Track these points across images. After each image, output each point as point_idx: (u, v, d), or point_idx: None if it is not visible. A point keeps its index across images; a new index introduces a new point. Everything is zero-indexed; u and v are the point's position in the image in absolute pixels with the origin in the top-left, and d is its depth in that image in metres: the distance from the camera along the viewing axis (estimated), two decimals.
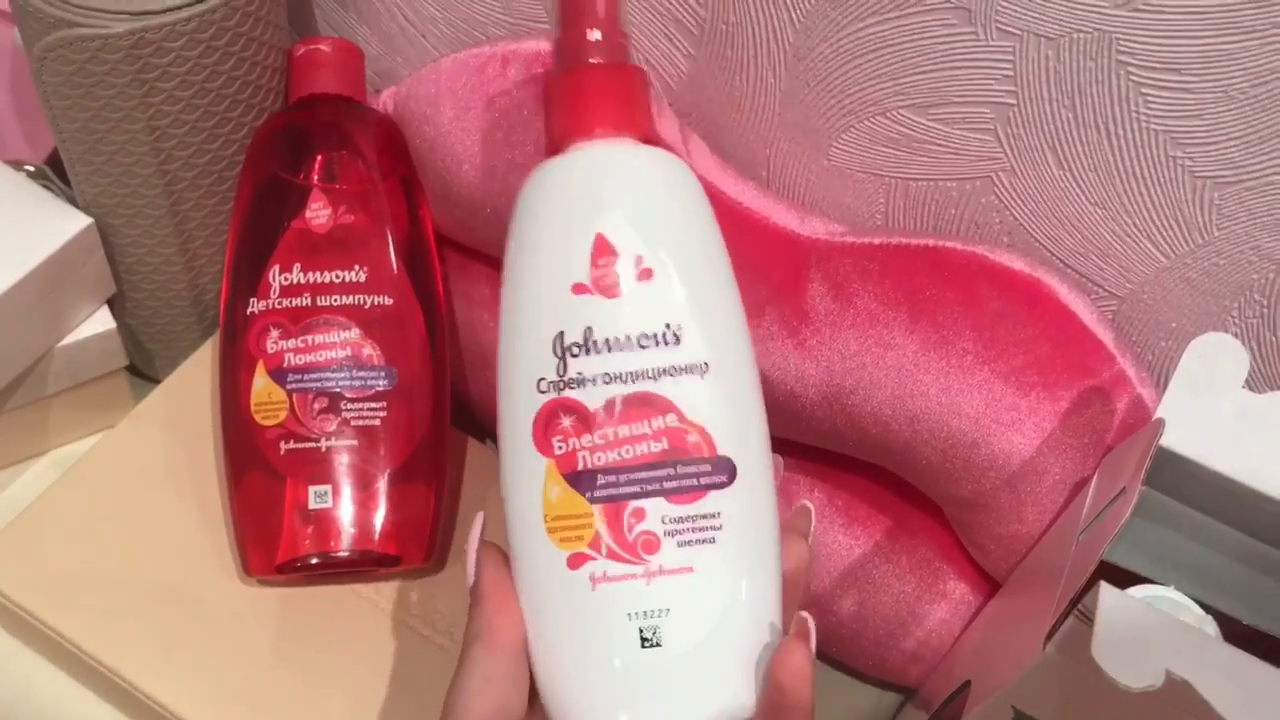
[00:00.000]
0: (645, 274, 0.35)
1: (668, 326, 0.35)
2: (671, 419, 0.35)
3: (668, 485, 0.35)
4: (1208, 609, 0.38)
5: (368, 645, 0.48)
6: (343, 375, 0.48)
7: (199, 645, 0.47)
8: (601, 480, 0.35)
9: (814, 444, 0.49)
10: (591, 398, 0.35)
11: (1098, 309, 0.45)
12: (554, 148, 0.38)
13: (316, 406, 0.48)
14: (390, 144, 0.51)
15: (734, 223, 0.48)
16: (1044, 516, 0.44)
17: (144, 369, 0.60)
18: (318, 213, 0.50)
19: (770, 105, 0.49)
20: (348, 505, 0.48)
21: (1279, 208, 0.40)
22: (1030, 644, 0.37)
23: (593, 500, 0.35)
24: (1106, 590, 0.34)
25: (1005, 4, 0.40)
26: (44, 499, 0.50)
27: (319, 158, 0.50)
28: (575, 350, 0.35)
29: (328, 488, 0.48)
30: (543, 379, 0.35)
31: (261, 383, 0.48)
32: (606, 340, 0.35)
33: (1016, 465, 0.43)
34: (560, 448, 0.35)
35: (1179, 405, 0.38)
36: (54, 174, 0.53)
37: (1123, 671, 0.32)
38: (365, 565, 0.49)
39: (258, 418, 0.48)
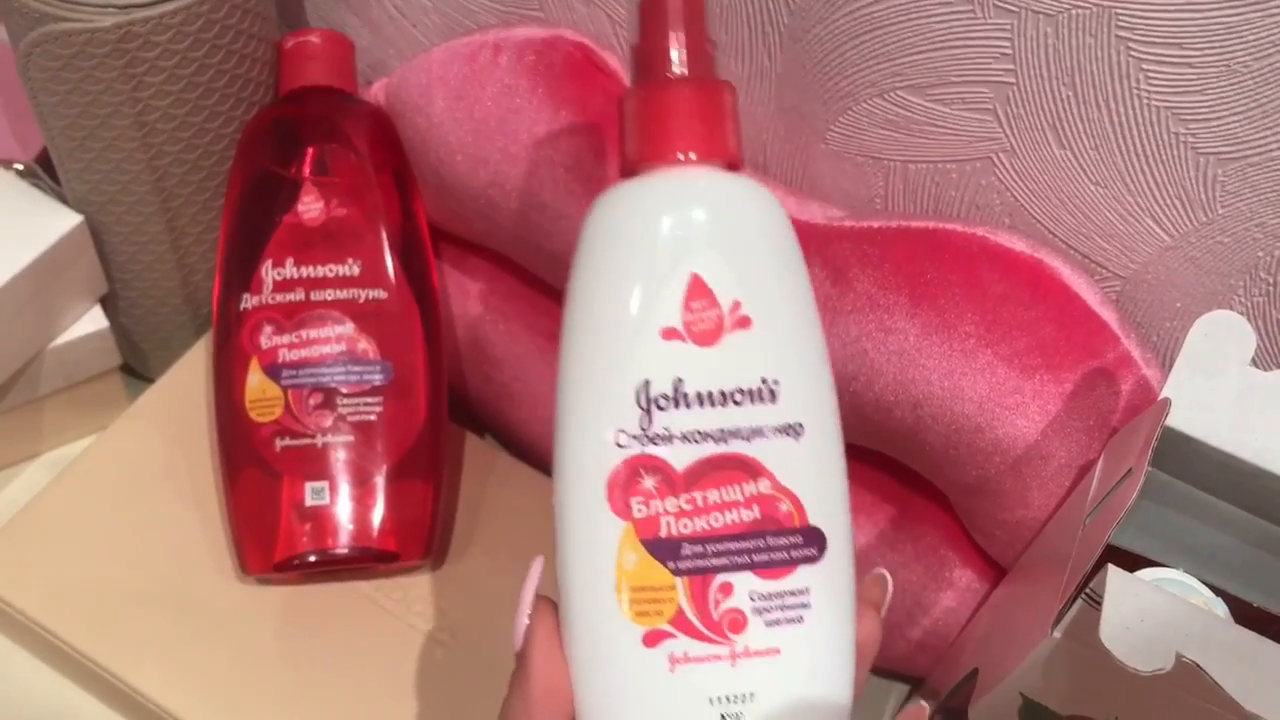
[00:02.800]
0: (742, 321, 0.32)
1: (764, 382, 0.32)
2: (765, 485, 0.32)
3: (757, 559, 0.31)
4: (1217, 591, 0.38)
5: (367, 643, 0.48)
6: (338, 370, 0.48)
7: (197, 646, 0.47)
8: (687, 550, 0.31)
9: None
10: (679, 456, 0.31)
11: (1101, 290, 0.44)
12: (630, 169, 0.34)
13: (312, 402, 0.48)
14: (382, 136, 0.51)
15: None
16: (1050, 501, 0.43)
17: (138, 368, 0.60)
18: (310, 206, 0.49)
19: (766, 89, 0.48)
20: (345, 502, 0.48)
21: None
22: (1038, 630, 0.37)
23: (677, 572, 0.31)
24: (1114, 574, 0.34)
25: None
26: (39, 501, 0.49)
27: (310, 151, 0.50)
28: (663, 403, 0.31)
29: (325, 484, 0.47)
30: (623, 432, 0.31)
31: (256, 379, 0.48)
32: (699, 394, 0.31)
33: (1021, 449, 0.43)
34: (640, 510, 0.31)
35: (1185, 385, 0.38)
36: (43, 172, 0.53)
37: (1132, 655, 0.31)
38: (364, 562, 0.48)
39: (252, 415, 0.48)
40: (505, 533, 0.52)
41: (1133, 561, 0.38)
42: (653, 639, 0.31)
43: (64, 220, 0.51)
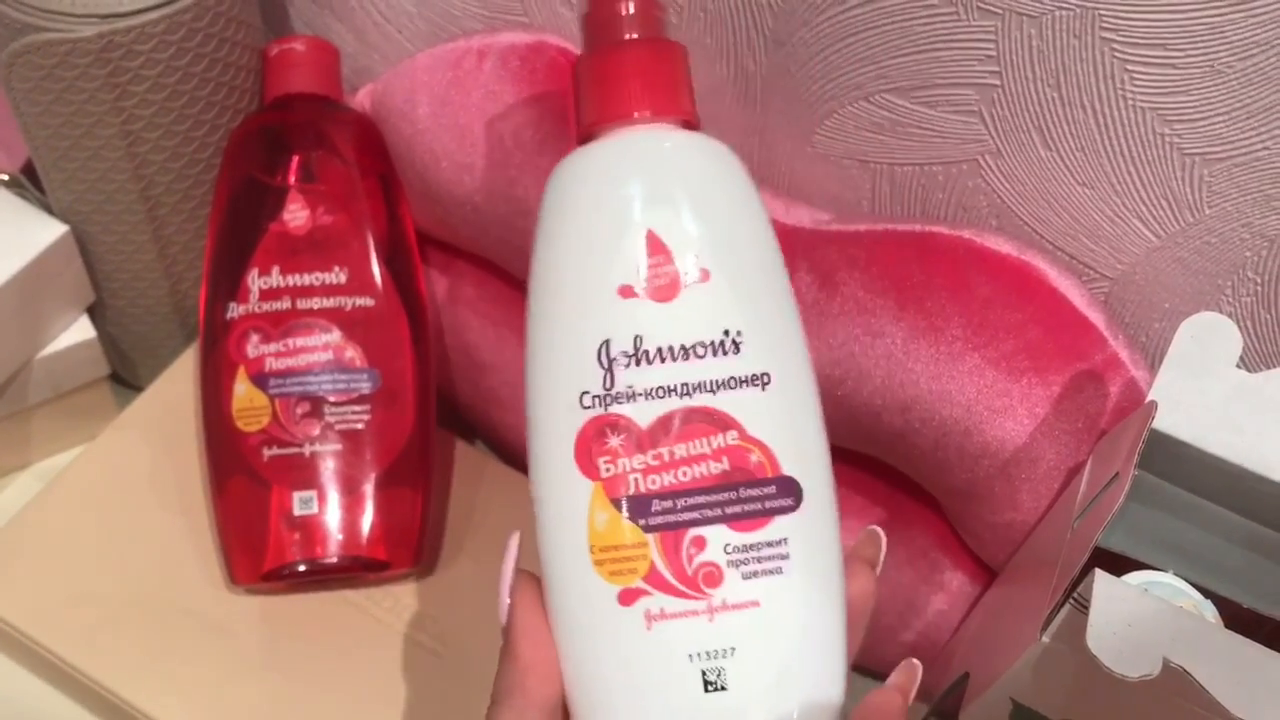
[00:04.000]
0: (702, 275, 0.32)
1: (726, 333, 0.31)
2: (732, 436, 0.31)
3: (730, 510, 0.31)
4: (1206, 593, 0.38)
5: (358, 651, 0.48)
6: (325, 379, 0.48)
7: (187, 656, 0.47)
8: (657, 505, 0.31)
9: None
10: (643, 413, 0.31)
11: (1089, 291, 0.44)
12: (586, 134, 0.34)
13: (299, 411, 0.48)
14: (368, 143, 0.51)
15: None
16: (1039, 503, 0.43)
17: (127, 377, 0.60)
18: (296, 214, 0.49)
19: (752, 93, 0.48)
20: (334, 511, 0.48)
21: (1269, 183, 0.39)
22: (1027, 633, 0.37)
23: (648, 528, 0.31)
24: (1101, 578, 0.33)
25: None
26: (28, 512, 0.49)
27: (296, 158, 0.50)
28: (624, 360, 0.31)
29: (313, 493, 0.47)
30: (586, 392, 0.31)
31: (243, 388, 0.48)
32: (659, 349, 0.31)
33: (1010, 452, 0.43)
34: (608, 469, 0.31)
35: (1172, 387, 0.38)
36: (28, 182, 0.53)
37: (1119, 660, 0.31)
38: (353, 571, 0.48)
39: (240, 424, 0.48)
40: (495, 539, 0.52)
41: (1122, 564, 0.38)
42: (628, 597, 0.31)
43: (50, 230, 0.51)
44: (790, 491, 0.31)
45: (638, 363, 0.31)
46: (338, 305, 0.48)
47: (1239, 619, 0.37)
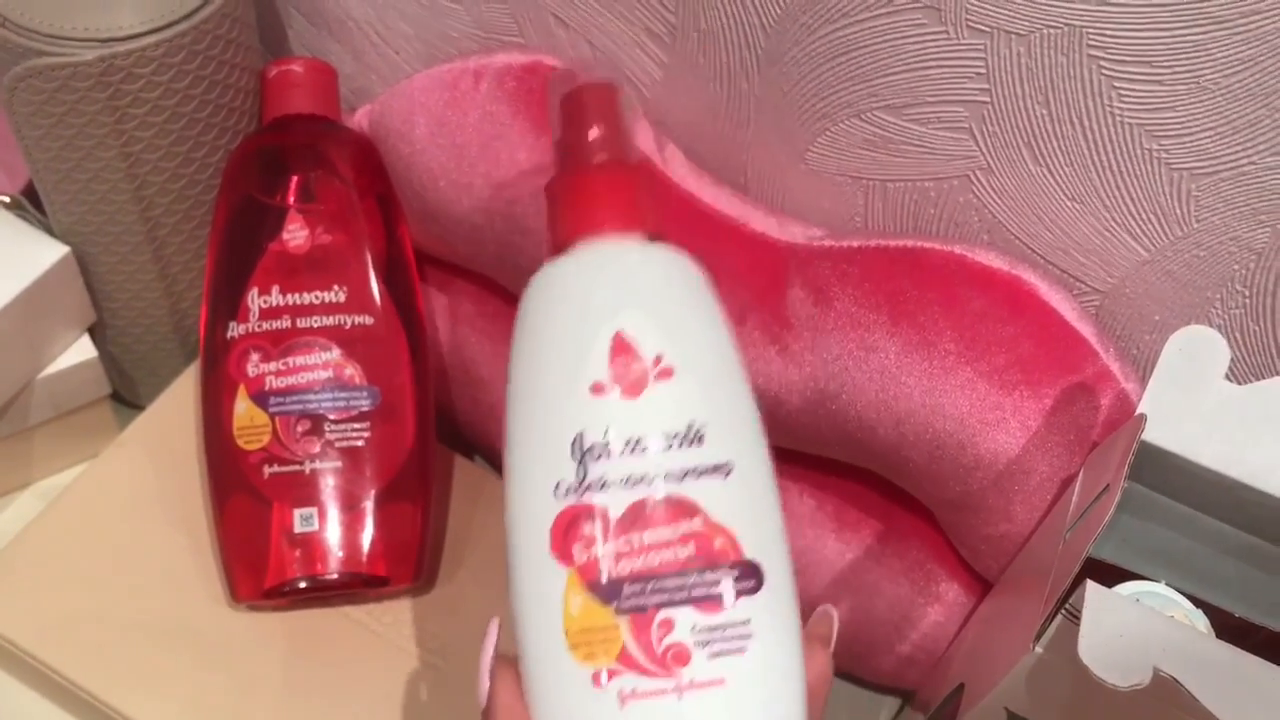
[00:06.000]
0: (665, 373, 0.34)
1: (690, 426, 0.33)
2: (698, 522, 0.33)
3: (696, 593, 0.32)
4: (1198, 603, 0.38)
5: (359, 668, 0.48)
6: (325, 397, 0.48)
7: (188, 673, 0.47)
8: (628, 590, 0.32)
9: (800, 450, 0.49)
10: (615, 502, 0.33)
11: (1079, 305, 0.45)
12: (558, 247, 0.37)
13: (299, 429, 0.48)
14: (366, 163, 0.51)
15: (713, 230, 0.48)
16: (1032, 515, 0.44)
17: (128, 396, 0.60)
18: (295, 234, 0.49)
19: (745, 111, 0.48)
20: (334, 527, 0.48)
21: (1256, 197, 0.40)
22: (1020, 644, 0.37)
23: (619, 611, 0.32)
24: (1092, 589, 0.34)
25: (975, 2, 0.40)
26: (29, 531, 0.49)
27: (295, 179, 0.50)
28: (596, 453, 0.33)
29: (313, 510, 0.48)
30: (560, 483, 0.33)
31: (243, 407, 0.48)
32: (628, 442, 0.33)
33: (1003, 464, 0.43)
34: (582, 556, 0.33)
35: (1161, 399, 0.38)
36: (29, 204, 0.53)
37: (1110, 670, 0.32)
38: (354, 587, 0.48)
39: (240, 442, 0.48)
40: (495, 554, 0.51)
41: (1114, 575, 0.38)
42: (601, 678, 0.32)
43: (51, 251, 0.51)
44: (752, 574, 0.33)
45: (608, 455, 0.33)
46: (337, 324, 0.49)
47: (1230, 628, 0.37)
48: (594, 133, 0.38)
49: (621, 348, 0.34)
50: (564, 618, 0.33)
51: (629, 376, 0.34)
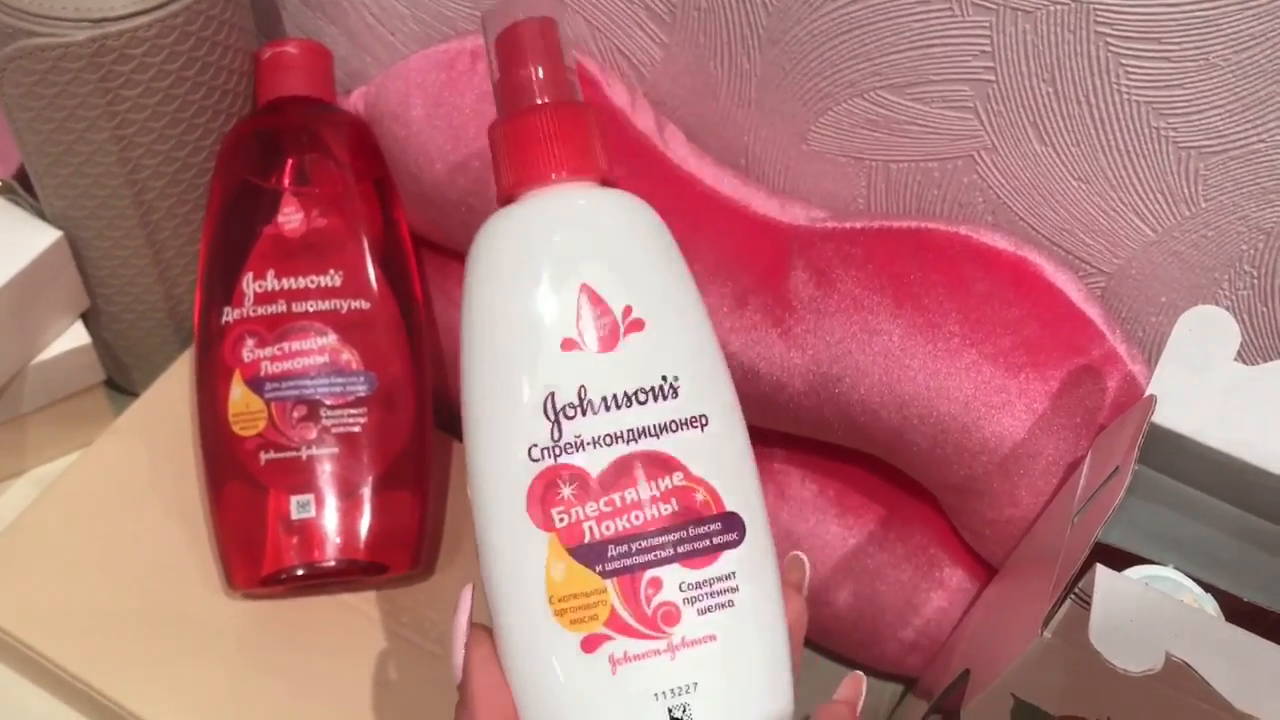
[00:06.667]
0: (635, 325, 0.33)
1: (664, 379, 0.33)
2: (679, 477, 0.32)
3: (682, 549, 0.32)
4: (1207, 587, 0.38)
5: (357, 655, 0.48)
6: (321, 382, 0.48)
7: (185, 662, 0.46)
8: (613, 551, 0.32)
9: (803, 434, 0.48)
10: (592, 461, 0.32)
11: (1085, 286, 0.44)
12: (506, 196, 0.35)
13: (295, 415, 0.48)
14: (362, 145, 0.51)
15: (714, 212, 0.47)
16: (1038, 499, 0.43)
17: (122, 383, 0.59)
18: (290, 217, 0.49)
19: (746, 91, 0.48)
20: (331, 514, 0.47)
21: (1265, 176, 0.39)
22: (1028, 630, 0.36)
23: (605, 574, 0.31)
24: (1103, 573, 0.33)
25: None
26: (23, 519, 0.49)
27: (290, 161, 0.49)
28: (570, 411, 0.32)
29: (310, 497, 0.47)
30: (534, 445, 0.32)
31: (239, 393, 0.48)
32: (604, 398, 0.32)
33: (1008, 448, 0.42)
34: (562, 519, 0.32)
35: (1170, 381, 0.37)
36: (21, 188, 0.52)
37: (1121, 655, 0.31)
38: (351, 574, 0.48)
39: (236, 428, 0.47)
40: None
41: (1122, 559, 0.38)
42: (591, 644, 0.31)
43: (43, 236, 0.51)
44: (735, 526, 0.33)
45: (584, 412, 0.32)
46: (333, 308, 0.48)
47: (1239, 612, 0.37)
48: (536, 72, 0.35)
49: (590, 299, 0.33)
50: (546, 584, 0.32)
51: (600, 330, 0.33)
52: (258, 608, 0.48)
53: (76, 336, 0.54)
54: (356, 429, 0.48)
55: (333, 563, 0.47)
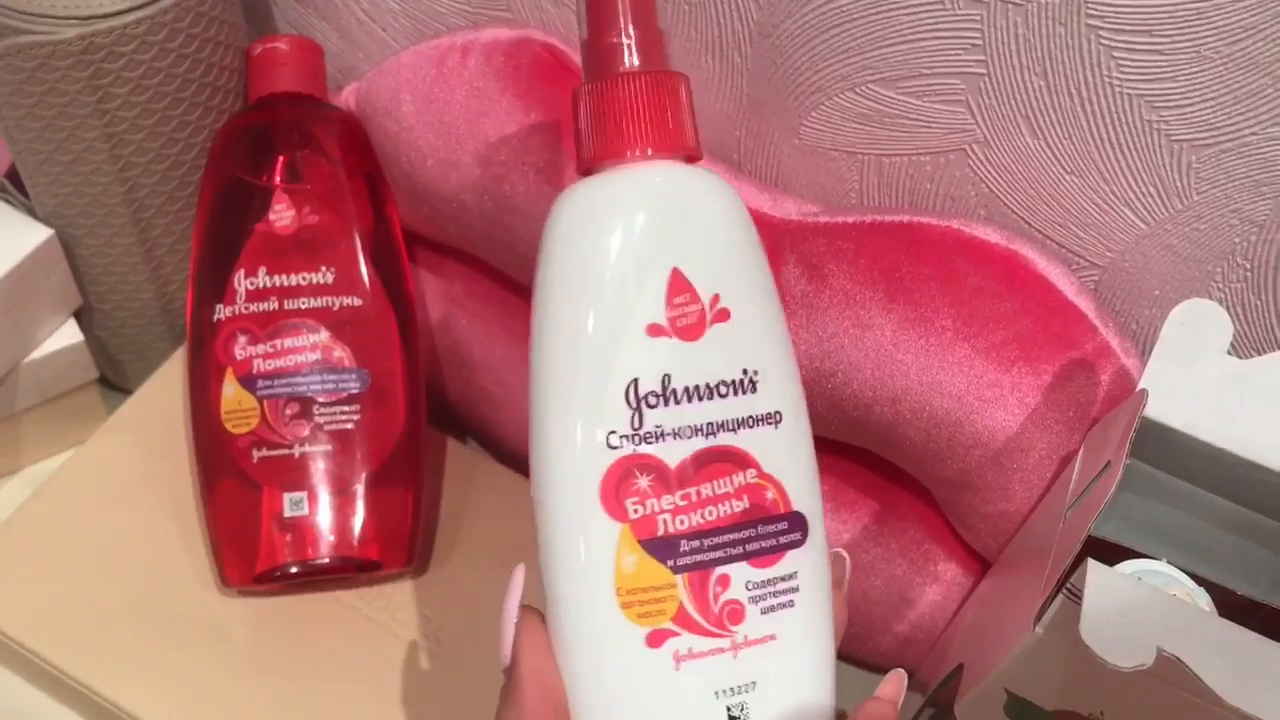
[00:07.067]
0: (722, 315, 0.32)
1: (744, 373, 0.32)
2: (751, 474, 0.32)
3: (750, 548, 0.32)
4: (1200, 581, 0.37)
5: (352, 653, 0.48)
6: (314, 379, 0.48)
7: (179, 660, 0.46)
8: (685, 546, 0.31)
9: None
10: (670, 453, 0.31)
11: (1078, 280, 0.44)
12: (588, 166, 0.33)
13: (288, 412, 0.47)
14: (353, 141, 0.50)
15: None
16: (1032, 493, 0.43)
17: (116, 380, 0.59)
18: (281, 214, 0.49)
19: (738, 85, 0.48)
20: (325, 511, 0.47)
21: (1257, 168, 0.39)
22: (1021, 624, 0.36)
23: (676, 569, 0.31)
24: (1094, 568, 0.33)
25: None
26: (17, 517, 0.49)
27: (281, 158, 0.49)
28: (652, 400, 0.31)
29: (303, 494, 0.47)
30: (613, 433, 0.31)
31: (231, 390, 0.48)
32: (686, 389, 0.31)
33: (1001, 442, 0.42)
34: (636, 511, 0.31)
35: (1163, 375, 0.37)
36: (12, 186, 0.52)
37: (1112, 651, 0.31)
38: (346, 571, 0.48)
39: (229, 426, 0.47)
40: (488, 537, 0.52)
41: (1115, 553, 0.38)
42: (656, 639, 0.31)
43: (35, 234, 0.51)
44: (800, 526, 0.32)
45: (666, 402, 0.31)
46: (325, 305, 0.48)
47: (1232, 606, 0.37)
48: (627, 35, 0.33)
49: (679, 285, 0.31)
50: (615, 576, 0.31)
51: (687, 318, 0.31)
52: (251, 605, 0.48)
53: (69, 334, 0.54)
54: (349, 426, 0.48)
55: (326, 560, 0.47)
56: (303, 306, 0.48)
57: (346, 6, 0.55)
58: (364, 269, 0.49)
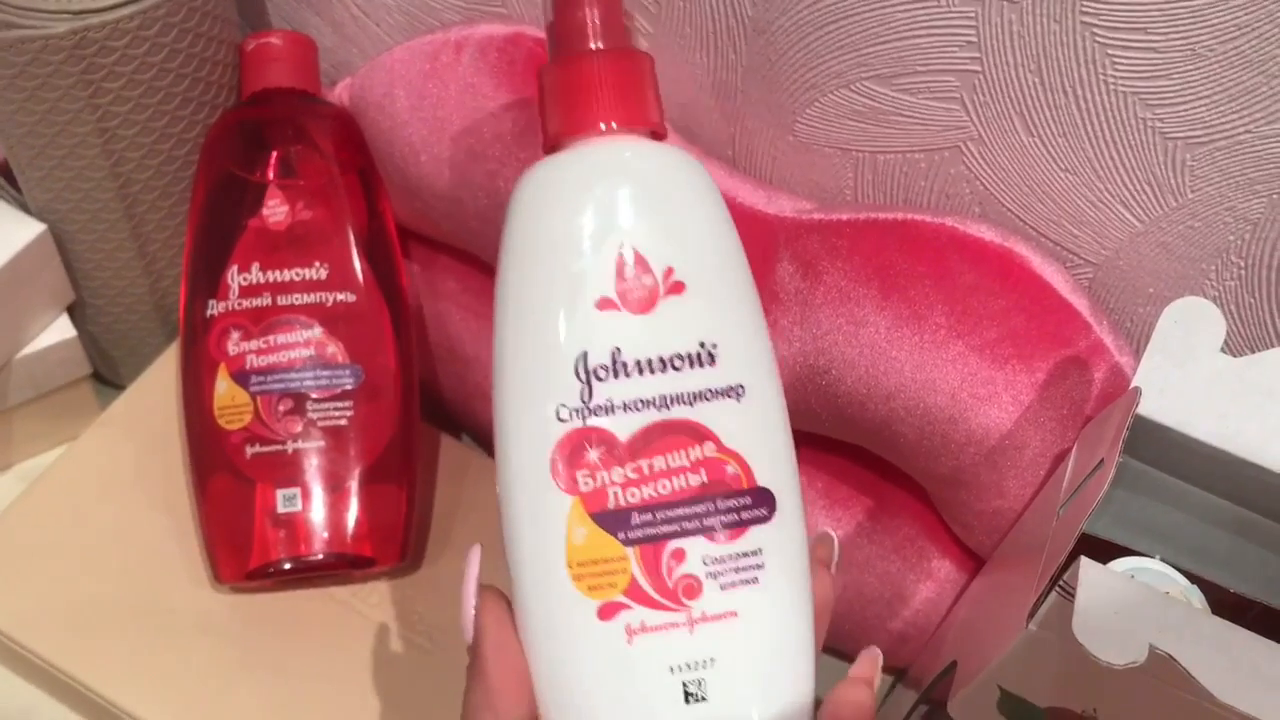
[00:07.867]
0: (676, 287, 0.32)
1: (702, 345, 0.32)
2: (709, 448, 0.32)
3: (708, 522, 0.31)
4: (1193, 578, 0.38)
5: (345, 649, 0.48)
6: (307, 375, 0.48)
7: (172, 656, 0.46)
8: (637, 519, 0.31)
9: (791, 426, 0.48)
10: (621, 426, 0.31)
11: (1072, 277, 0.44)
12: (552, 144, 0.34)
13: (281, 408, 0.47)
14: (347, 137, 0.50)
15: None
16: (1025, 490, 0.43)
17: (109, 376, 0.59)
18: (275, 210, 0.48)
19: (732, 82, 0.48)
20: (318, 508, 0.47)
21: (1251, 166, 0.39)
22: (1014, 621, 0.36)
23: (627, 542, 0.31)
24: (1087, 565, 0.33)
25: None
26: (9, 513, 0.49)
27: (274, 154, 0.49)
28: (601, 373, 0.31)
29: (296, 491, 0.47)
30: (563, 406, 0.31)
31: (224, 386, 0.47)
32: (638, 362, 0.31)
33: (995, 439, 0.42)
34: (587, 483, 0.31)
35: (1156, 372, 0.37)
36: (4, 180, 0.52)
37: (1105, 648, 0.31)
38: (339, 568, 0.48)
39: (222, 422, 0.47)
40: (482, 533, 0.51)
41: (1109, 550, 0.38)
42: (608, 612, 0.31)
43: (27, 229, 0.51)
44: (765, 502, 0.32)
45: (616, 375, 0.31)
46: (319, 301, 0.48)
47: (1225, 603, 0.37)
48: (591, 15, 0.34)
49: (630, 258, 0.32)
50: (566, 548, 0.31)
51: (638, 291, 0.32)
52: (244, 601, 0.48)
53: (62, 330, 0.54)
54: (343, 422, 0.48)
55: (320, 556, 0.47)
56: (296, 302, 0.48)
57: (340, 2, 0.55)
58: (357, 264, 0.49)
